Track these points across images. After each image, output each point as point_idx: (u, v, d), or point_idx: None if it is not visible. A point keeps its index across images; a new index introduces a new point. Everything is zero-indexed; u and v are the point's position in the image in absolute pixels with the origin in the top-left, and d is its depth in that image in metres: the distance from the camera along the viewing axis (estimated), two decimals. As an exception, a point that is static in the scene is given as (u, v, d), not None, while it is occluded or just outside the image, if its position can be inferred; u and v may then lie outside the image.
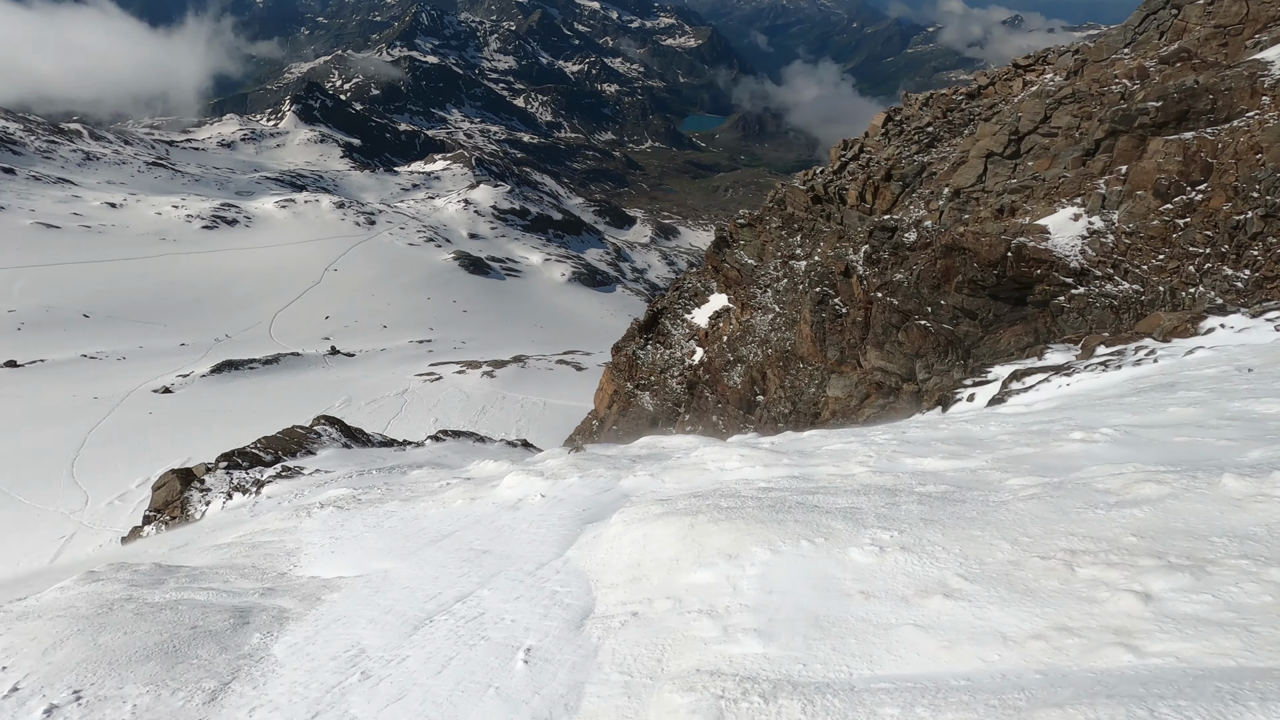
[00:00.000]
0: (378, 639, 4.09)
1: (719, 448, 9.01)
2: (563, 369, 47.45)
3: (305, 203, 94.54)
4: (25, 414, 34.08)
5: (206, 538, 9.67)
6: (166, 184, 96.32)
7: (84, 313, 53.52)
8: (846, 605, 3.35)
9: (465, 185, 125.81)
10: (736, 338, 25.11)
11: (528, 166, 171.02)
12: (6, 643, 4.16)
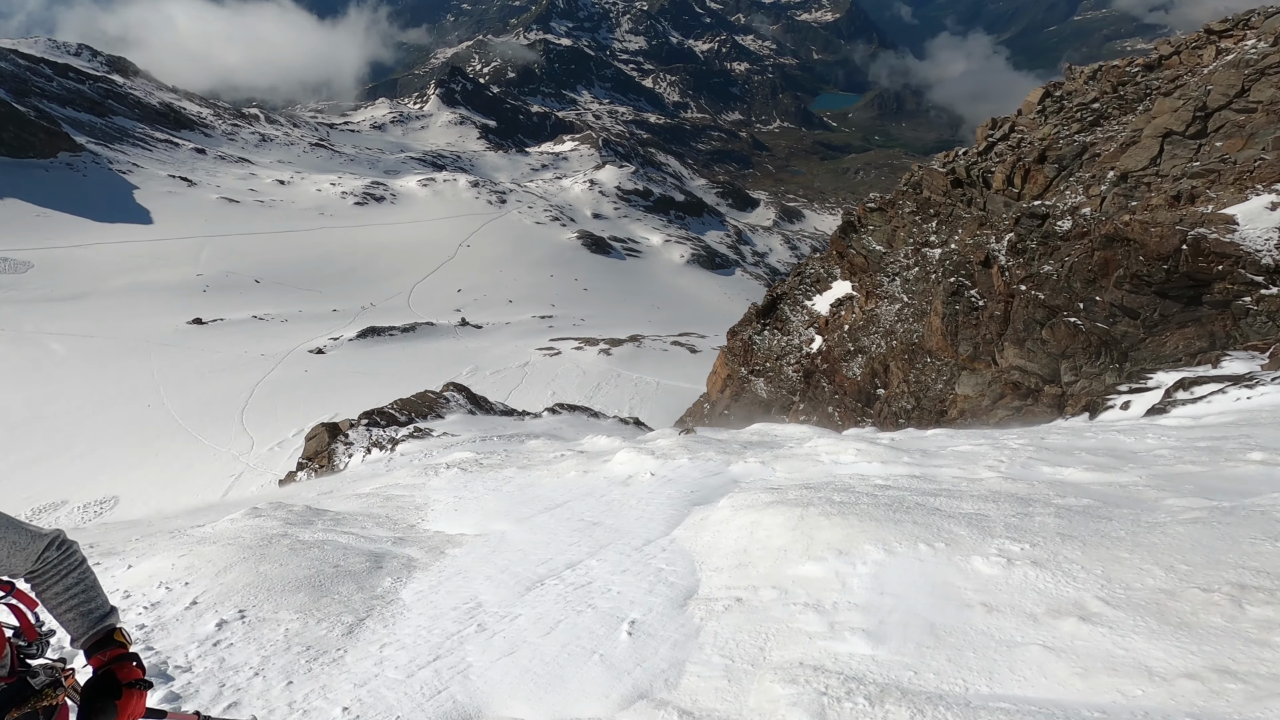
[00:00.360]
0: (493, 595, 4.34)
1: (834, 440, 8.74)
2: (677, 350, 47.67)
3: (444, 182, 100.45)
4: (207, 366, 38.96)
5: (348, 487, 10.66)
6: (326, 163, 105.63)
7: (256, 278, 60.12)
8: (966, 616, 3.16)
9: (591, 166, 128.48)
10: (859, 327, 24.10)
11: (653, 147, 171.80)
12: (188, 562, 4.81)
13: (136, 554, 5.27)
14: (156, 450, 28.08)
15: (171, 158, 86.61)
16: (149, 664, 3.47)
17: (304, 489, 13.62)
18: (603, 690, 3.18)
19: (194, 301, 51.94)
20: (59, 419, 30.48)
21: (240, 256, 64.07)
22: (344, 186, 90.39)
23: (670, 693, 3.12)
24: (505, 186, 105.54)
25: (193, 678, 3.40)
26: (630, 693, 3.15)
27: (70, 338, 41.44)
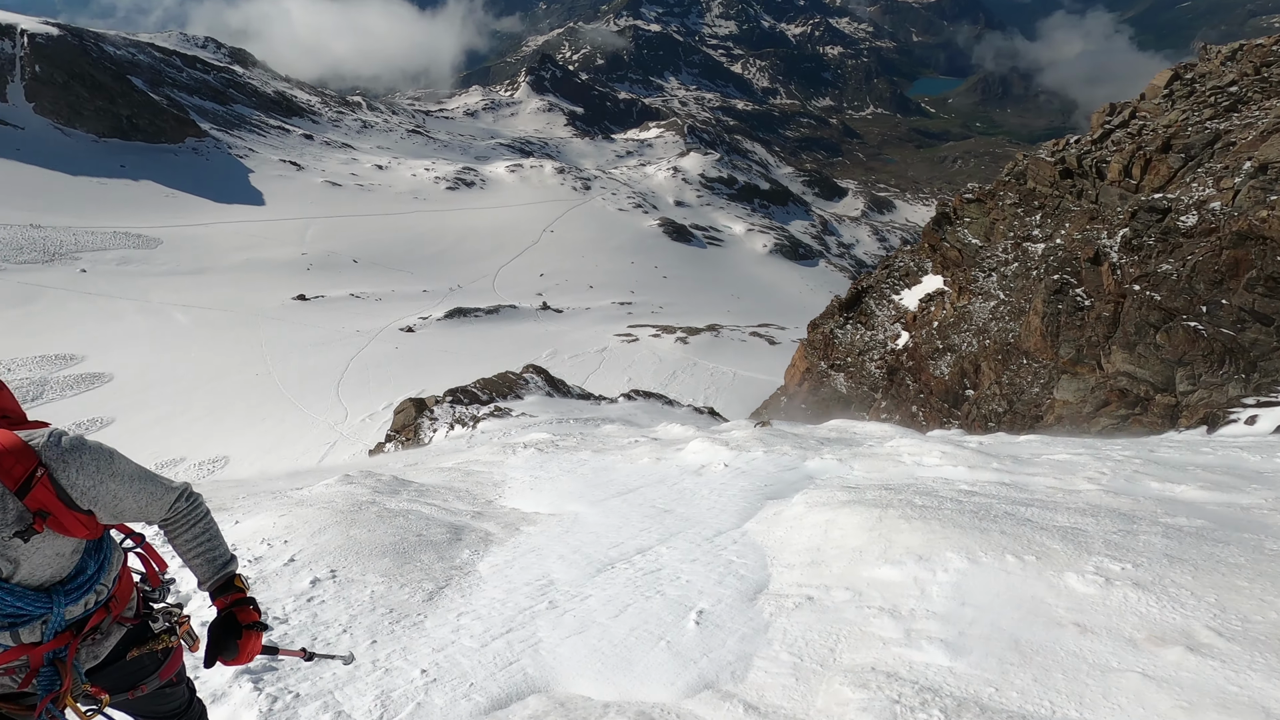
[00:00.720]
0: (565, 574, 4.44)
1: (917, 440, 8.41)
2: (755, 341, 47.03)
3: (531, 168, 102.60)
4: (309, 340, 41.57)
5: (432, 460, 11.14)
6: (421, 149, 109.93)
7: (354, 258, 63.49)
8: (1056, 636, 2.98)
9: (676, 153, 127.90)
10: (949, 324, 23.01)
11: (739, 134, 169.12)
12: (287, 522, 5.17)
13: (243, 511, 5.71)
14: (262, 416, 30.27)
15: (283, 143, 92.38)
16: (251, 613, 3.76)
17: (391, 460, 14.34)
18: (669, 677, 3.20)
19: (299, 278, 55.41)
20: (181, 383, 33.32)
21: (341, 237, 67.77)
22: (437, 171, 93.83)
23: (736, 685, 3.10)
24: (590, 173, 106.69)
25: (289, 629, 3.66)
26: (696, 681, 3.16)
27: (192, 309, 45.16)
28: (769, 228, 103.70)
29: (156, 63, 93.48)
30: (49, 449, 1.57)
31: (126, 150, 73.29)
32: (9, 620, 1.57)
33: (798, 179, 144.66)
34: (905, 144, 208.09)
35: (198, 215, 65.81)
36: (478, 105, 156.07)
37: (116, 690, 1.88)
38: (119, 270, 51.29)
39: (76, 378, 33.15)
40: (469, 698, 3.08)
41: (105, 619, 1.79)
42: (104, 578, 1.75)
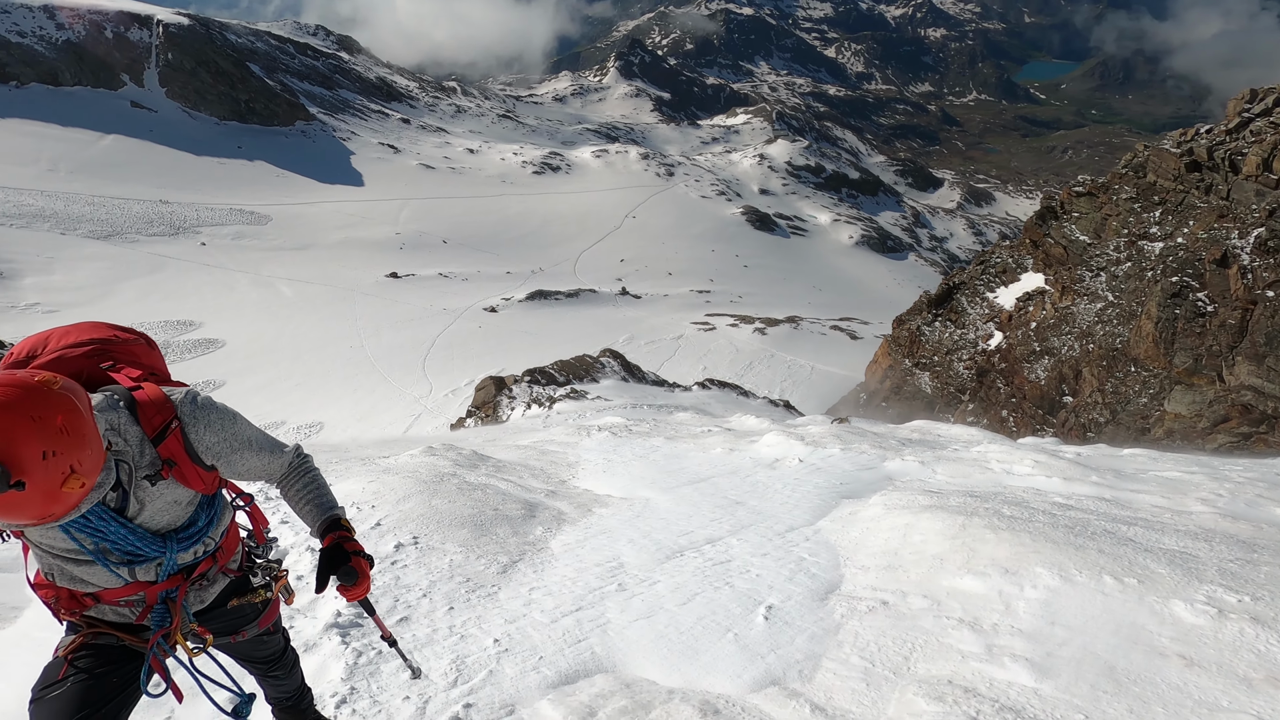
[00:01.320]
0: (634, 558, 4.49)
1: (1007, 447, 7.98)
2: (836, 335, 45.77)
3: (616, 153, 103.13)
4: (399, 315, 43.58)
5: (509, 437, 11.48)
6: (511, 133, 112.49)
7: (444, 239, 65.90)
8: (1157, 666, 2.77)
9: (762, 140, 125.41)
10: (1049, 326, 21.65)
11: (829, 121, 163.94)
12: (375, 488, 5.45)
13: (336, 475, 6.06)
14: (355, 386, 32.03)
15: (382, 127, 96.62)
16: (341, 571, 4.00)
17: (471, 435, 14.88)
18: (735, 669, 3.19)
19: (392, 257, 58.04)
20: (284, 351, 35.68)
21: (432, 218, 70.41)
22: (525, 156, 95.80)
23: (804, 685, 3.05)
24: (674, 159, 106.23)
25: (374, 589, 3.87)
26: (762, 677, 3.13)
27: (296, 283, 48.16)
28: (856, 218, 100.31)
29: (272, 50, 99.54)
30: (184, 404, 1.74)
31: (243, 133, 78.56)
32: (128, 557, 1.73)
33: (890, 168, 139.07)
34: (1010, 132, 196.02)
35: (304, 194, 69.90)
36: (566, 91, 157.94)
37: (219, 634, 2.05)
38: (234, 244, 55.29)
39: (194, 342, 36.07)
40: (538, 670, 3.16)
41: (211, 568, 1.95)
42: (213, 531, 1.91)
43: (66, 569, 1.74)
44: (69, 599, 1.80)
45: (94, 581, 1.76)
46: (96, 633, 1.83)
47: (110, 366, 1.81)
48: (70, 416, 1.40)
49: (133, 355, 1.90)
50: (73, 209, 53.15)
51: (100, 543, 1.68)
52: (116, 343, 1.88)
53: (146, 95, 76.72)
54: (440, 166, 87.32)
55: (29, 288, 40.87)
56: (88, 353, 1.80)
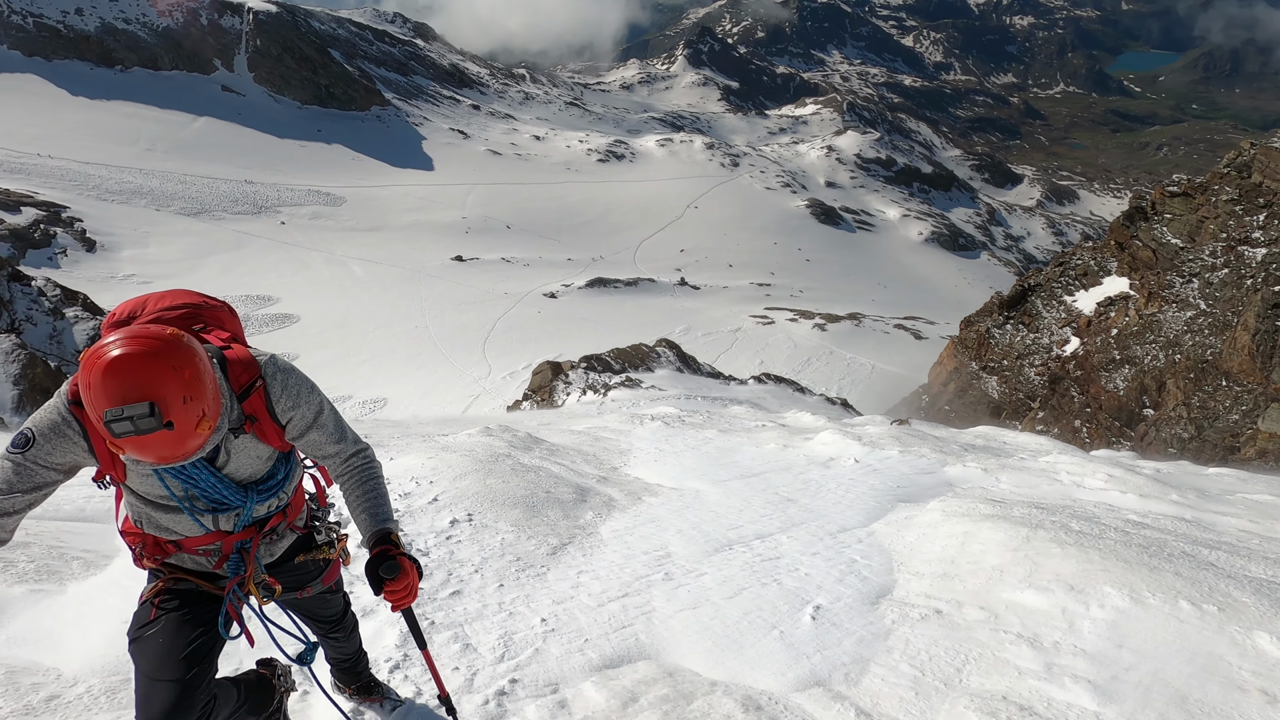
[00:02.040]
0: (683, 549, 4.49)
1: (1079, 459, 7.61)
2: (899, 334, 44.45)
3: (681, 142, 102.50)
4: (462, 298, 44.68)
5: (564, 422, 11.64)
6: (577, 121, 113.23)
7: (507, 224, 67.06)
8: (1235, 700, 2.60)
9: (831, 131, 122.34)
10: (1131, 333, 20.46)
11: (903, 113, 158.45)
12: (433, 465, 5.62)
13: (397, 449, 6.28)
14: (418, 365, 33.06)
15: (453, 113, 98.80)
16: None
17: (526, 417, 15.16)
18: (779, 667, 3.16)
19: (458, 241, 59.46)
20: (353, 328, 37.13)
21: (498, 203, 71.72)
22: (590, 144, 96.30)
23: (849, 688, 3.00)
24: (740, 149, 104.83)
25: (429, 562, 4.00)
26: (807, 676, 3.09)
27: (367, 263, 49.94)
28: (927, 214, 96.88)
29: (352, 36, 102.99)
30: (268, 365, 1.88)
31: (323, 117, 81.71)
32: (214, 504, 1.88)
33: (965, 162, 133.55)
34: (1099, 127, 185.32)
35: (377, 178, 72.28)
36: (634, 79, 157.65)
37: (286, 587, 2.19)
38: (311, 224, 57.72)
39: (271, 316, 37.91)
40: (583, 652, 3.21)
41: (281, 523, 2.10)
42: (287, 487, 2.05)
43: (154, 516, 1.89)
44: (153, 545, 1.96)
45: (178, 529, 1.92)
46: (177, 578, 1.98)
47: (202, 329, 1.95)
48: (199, 366, 1.58)
49: (219, 320, 2.05)
50: (167, 187, 56.52)
51: (190, 489, 1.83)
52: (205, 308, 2.03)
53: (236, 80, 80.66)
54: (507, 153, 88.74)
55: (126, 260, 43.76)
56: (182, 315, 1.94)
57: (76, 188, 51.49)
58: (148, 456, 1.56)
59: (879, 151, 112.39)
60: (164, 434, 1.51)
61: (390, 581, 1.97)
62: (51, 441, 1.69)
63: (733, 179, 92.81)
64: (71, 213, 46.48)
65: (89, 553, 4.04)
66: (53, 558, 3.90)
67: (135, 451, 1.54)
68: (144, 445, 1.52)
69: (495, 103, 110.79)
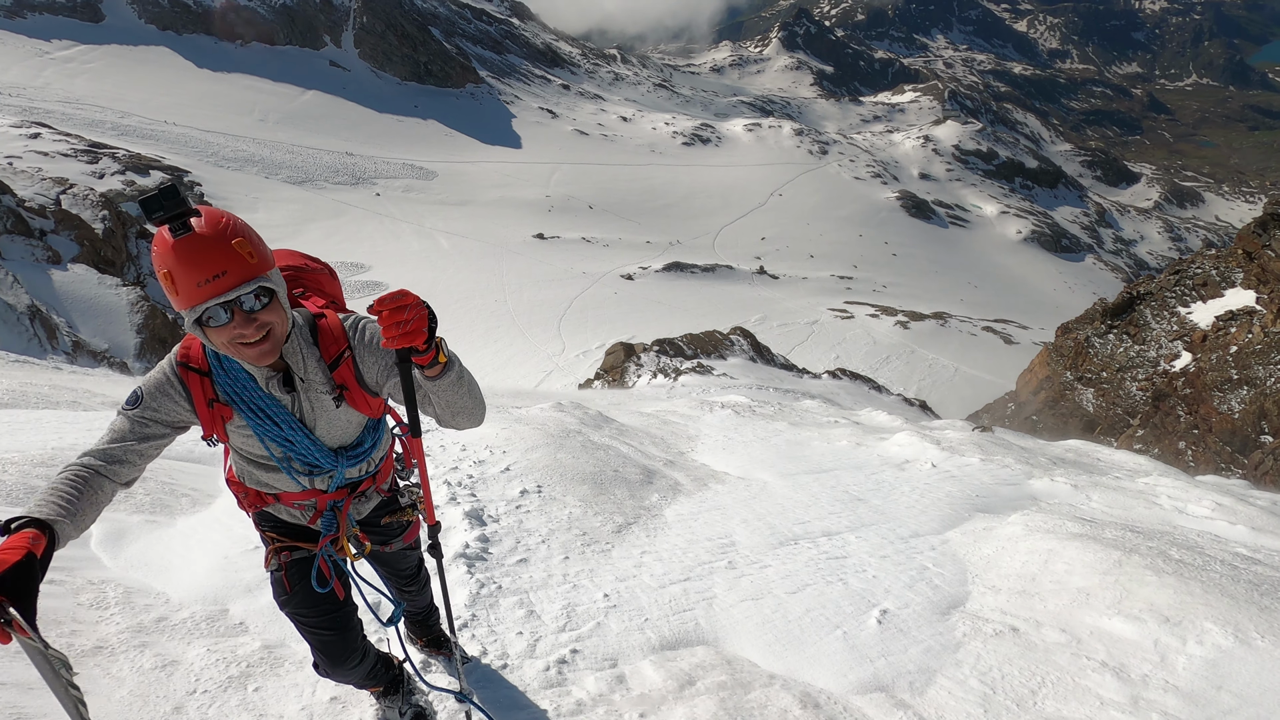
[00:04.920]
0: (747, 539, 4.46)
1: (1183, 483, 7.07)
2: (987, 337, 42.28)
3: (769, 128, 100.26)
4: (542, 275, 45.57)
5: (634, 403, 11.73)
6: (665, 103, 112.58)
7: (589, 204, 67.69)
8: (1352, 760, 2.37)
9: (930, 120, 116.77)
10: (1253, 352, 18.74)
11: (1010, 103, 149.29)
12: (507, 435, 5.78)
13: (474, 418, 6.48)
14: (496, 338, 34.04)
15: (543, 92, 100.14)
16: (471, 508, 4.31)
17: (597, 396, 15.35)
18: (841, 668, 3.10)
19: (540, 218, 60.52)
20: (438, 299, 38.45)
21: (581, 183, 72.44)
22: (676, 126, 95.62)
23: (913, 697, 2.91)
24: (830, 137, 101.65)
25: (499, 528, 4.13)
26: (869, 681, 3.02)
27: (453, 236, 51.60)
28: (1028, 211, 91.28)
29: (451, 15, 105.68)
30: (354, 332, 1.90)
31: (420, 93, 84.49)
32: (308, 466, 1.98)
33: (1076, 158, 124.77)
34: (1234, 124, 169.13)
35: (467, 154, 74.32)
36: (725, 61, 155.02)
37: (373, 544, 2.34)
38: (403, 196, 60.05)
39: (363, 283, 39.82)
40: (642, 631, 3.25)
41: (370, 487, 2.19)
42: (375, 453, 2.12)
43: (255, 474, 2.02)
44: (255, 496, 2.10)
45: (277, 486, 2.04)
46: (292, 547, 2.13)
47: (301, 294, 2.03)
48: (239, 222, 1.71)
49: (319, 284, 2.12)
50: (276, 156, 60.00)
51: (288, 452, 1.92)
52: (307, 271, 2.12)
53: (342, 55, 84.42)
54: (593, 133, 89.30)
55: (237, 223, 46.88)
56: (286, 277, 2.01)
57: (198, 154, 55.46)
58: (187, 268, 1.56)
59: (980, 143, 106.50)
60: (195, 237, 1.56)
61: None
62: (157, 400, 1.80)
63: (820, 167, 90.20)
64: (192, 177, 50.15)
65: (196, 491, 4.38)
66: (165, 493, 4.26)
67: (176, 263, 1.56)
68: (180, 252, 1.56)
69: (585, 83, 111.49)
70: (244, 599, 3.18)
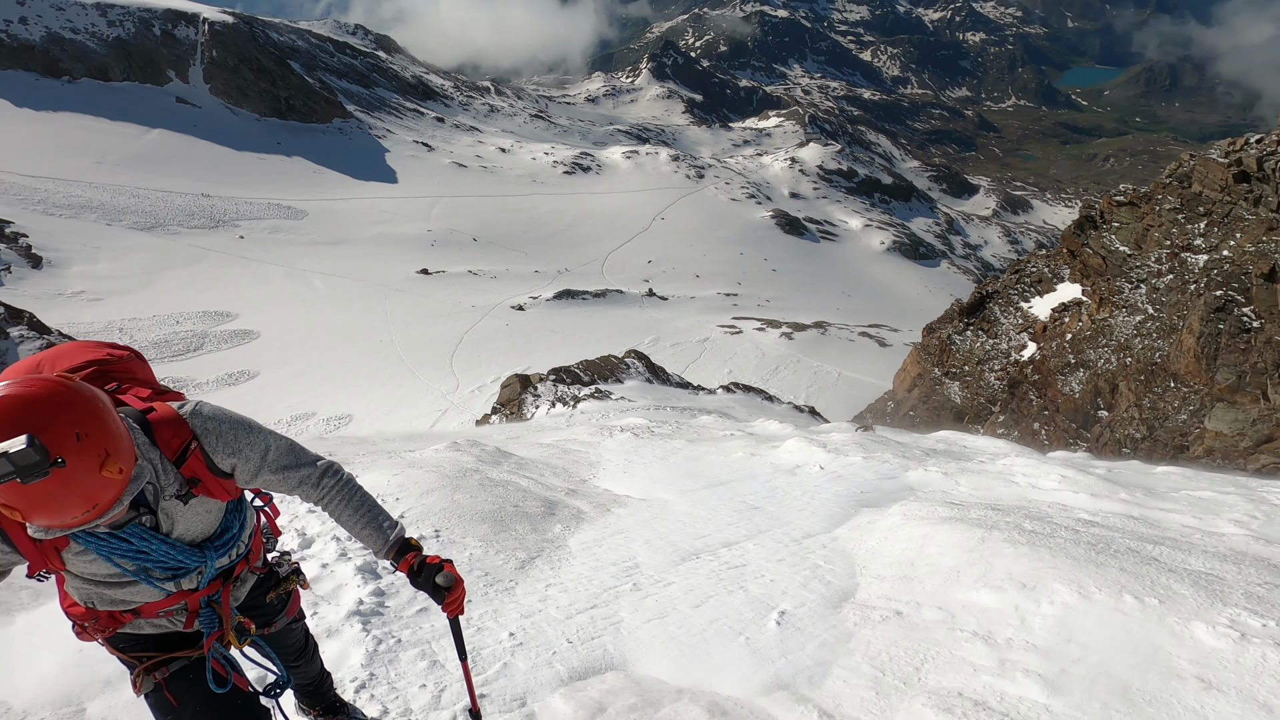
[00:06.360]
0: (650, 559, 4.53)
1: (1035, 461, 7.86)
2: (865, 342, 45.28)
3: (647, 154, 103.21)
4: (429, 311, 44.21)
5: (532, 435, 11.59)
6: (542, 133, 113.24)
7: (474, 237, 66.63)
8: (1174, 689, 2.74)
9: (794, 143, 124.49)
10: (1085, 338, 21.19)
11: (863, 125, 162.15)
12: (400, 481, 5.57)
13: (362, 466, 6.20)
14: (384, 380, 32.56)
15: (416, 125, 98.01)
16: (364, 562, 4.11)
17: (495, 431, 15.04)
18: (745, 672, 3.21)
19: (423, 253, 58.84)
20: (316, 344, 36.42)
21: (463, 216, 71.24)
22: (555, 156, 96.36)
23: (812, 691, 3.07)
24: (705, 161, 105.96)
25: (394, 580, 3.96)
26: (771, 681, 3.15)
27: (330, 277, 49.11)
28: (888, 224, 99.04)
29: (312, 48, 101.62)
30: (196, 420, 1.72)
31: (283, 129, 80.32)
32: (170, 571, 1.75)
33: (924, 174, 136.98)
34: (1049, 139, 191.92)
35: (339, 190, 71.24)
36: (599, 91, 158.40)
37: (257, 626, 2.14)
38: (270, 238, 56.55)
39: (230, 333, 36.99)
40: (551, 665, 3.22)
41: (244, 569, 2.02)
42: (244, 534, 1.94)
43: (107, 594, 1.76)
44: (106, 619, 1.82)
45: (135, 600, 1.78)
46: (166, 659, 1.90)
47: (115, 389, 1.78)
48: (94, 404, 1.41)
49: (130, 372, 1.89)
50: (118, 200, 54.87)
51: (143, 563, 1.69)
52: (113, 361, 1.86)
53: (191, 91, 78.85)
54: (472, 165, 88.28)
55: (75, 276, 42.29)
56: (89, 375, 1.78)
57: (21, 202, 49.65)
58: (54, 512, 1.34)
59: (840, 163, 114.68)
60: (59, 476, 1.30)
61: (449, 591, 1.96)
62: None
63: (698, 190, 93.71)
64: (16, 228, 44.80)
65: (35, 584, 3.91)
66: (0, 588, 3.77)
67: (31, 507, 1.31)
68: (37, 496, 1.30)
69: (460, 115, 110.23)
70: (105, 695, 2.87)
